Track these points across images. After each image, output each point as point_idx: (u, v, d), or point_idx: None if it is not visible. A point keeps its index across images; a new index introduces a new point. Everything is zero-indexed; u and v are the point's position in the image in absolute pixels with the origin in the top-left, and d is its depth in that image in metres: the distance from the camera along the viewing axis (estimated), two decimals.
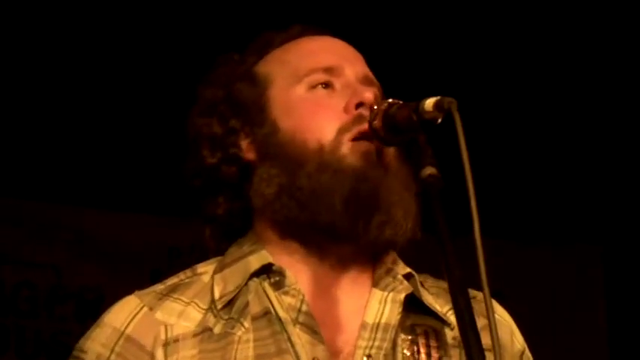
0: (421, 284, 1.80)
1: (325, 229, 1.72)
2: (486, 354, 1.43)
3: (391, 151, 1.76)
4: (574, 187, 5.06)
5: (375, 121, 1.70)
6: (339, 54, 1.85)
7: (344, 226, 1.71)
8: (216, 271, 1.79)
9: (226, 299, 1.73)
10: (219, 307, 1.72)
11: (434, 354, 1.71)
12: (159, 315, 1.72)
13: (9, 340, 4.43)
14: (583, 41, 4.46)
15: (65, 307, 4.53)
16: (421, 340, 1.72)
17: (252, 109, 1.82)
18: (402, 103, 1.68)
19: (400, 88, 1.81)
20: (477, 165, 1.48)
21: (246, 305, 1.72)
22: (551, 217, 5.16)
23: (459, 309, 1.46)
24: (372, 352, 1.69)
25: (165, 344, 1.69)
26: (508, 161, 4.85)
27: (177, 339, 1.70)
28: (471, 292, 1.52)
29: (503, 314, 1.87)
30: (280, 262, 1.75)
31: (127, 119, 4.36)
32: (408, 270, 1.80)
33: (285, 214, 1.74)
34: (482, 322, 1.47)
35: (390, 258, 1.80)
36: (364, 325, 1.72)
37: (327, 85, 1.80)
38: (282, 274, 1.73)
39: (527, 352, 1.88)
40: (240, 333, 1.69)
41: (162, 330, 1.71)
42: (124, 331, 1.72)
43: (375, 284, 1.77)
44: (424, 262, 1.77)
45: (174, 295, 1.76)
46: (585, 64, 4.55)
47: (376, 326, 1.71)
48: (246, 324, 1.70)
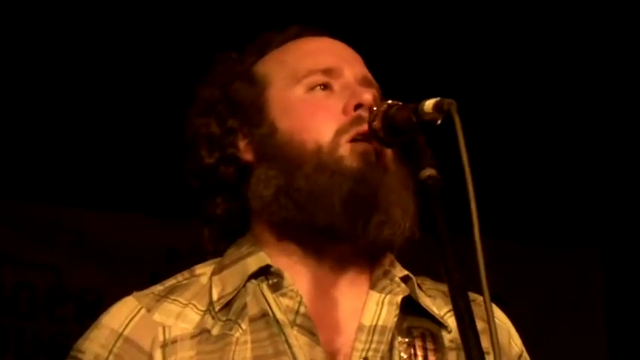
0: (419, 287, 1.80)
1: (323, 230, 1.72)
2: (485, 357, 1.43)
3: (389, 152, 1.75)
4: (573, 189, 5.06)
5: (375, 122, 1.70)
6: (338, 55, 1.85)
7: (342, 227, 1.71)
8: (215, 273, 1.79)
9: (224, 301, 1.73)
10: (217, 308, 1.72)
11: (431, 356, 1.71)
12: (157, 316, 1.72)
13: (8, 342, 4.42)
14: (581, 43, 4.45)
15: (65, 308, 4.52)
16: (418, 343, 1.72)
17: (250, 109, 1.82)
18: (401, 104, 1.68)
19: (399, 89, 1.80)
20: (476, 166, 1.48)
21: (244, 307, 1.71)
22: (551, 220, 5.15)
23: (459, 312, 1.46)
24: (369, 354, 1.69)
25: (164, 345, 1.69)
26: (507, 163, 4.85)
27: (175, 340, 1.70)
28: (471, 295, 1.52)
29: (501, 317, 1.87)
30: (278, 263, 1.75)
31: (127, 121, 4.36)
32: (405, 272, 1.80)
33: (283, 215, 1.74)
34: (481, 326, 1.47)
35: (388, 260, 1.80)
36: (361, 328, 1.71)
37: (325, 87, 1.80)
38: (280, 275, 1.73)
39: (525, 354, 1.88)
40: (238, 334, 1.69)
41: (160, 331, 1.71)
42: (122, 333, 1.72)
43: (373, 286, 1.77)
44: (422, 261, 1.76)
45: (172, 297, 1.76)
46: (585, 65, 4.55)
47: (373, 328, 1.71)
48: (244, 325, 1.69)
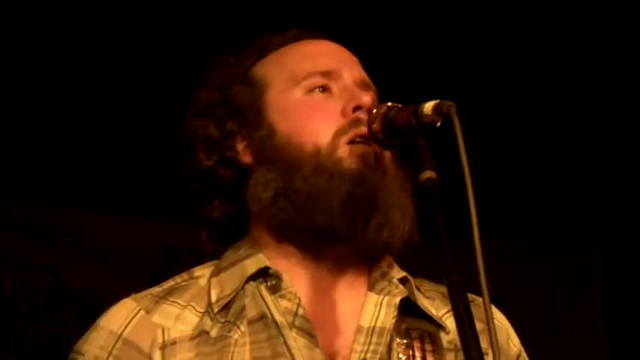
0: (417, 288, 1.80)
1: (322, 231, 1.72)
2: (484, 358, 1.43)
3: (388, 155, 1.75)
4: (573, 190, 5.05)
5: (374, 125, 1.70)
6: (336, 58, 1.85)
7: (341, 229, 1.71)
8: (213, 275, 1.79)
9: (223, 303, 1.73)
10: (215, 310, 1.72)
11: (429, 358, 1.71)
12: (156, 318, 1.73)
13: (8, 343, 4.41)
14: (580, 44, 4.45)
15: (65, 310, 4.51)
16: (416, 344, 1.72)
17: (248, 111, 1.82)
18: (401, 106, 1.68)
19: (398, 91, 1.81)
20: (476, 168, 1.48)
21: (243, 309, 1.72)
22: (551, 221, 5.15)
23: (458, 313, 1.46)
24: (368, 355, 1.69)
25: (163, 347, 1.69)
26: (508, 164, 4.85)
27: (174, 342, 1.70)
28: (469, 296, 1.52)
29: (499, 318, 1.87)
30: (277, 265, 1.75)
31: (127, 122, 4.36)
32: (403, 274, 1.80)
33: (282, 217, 1.74)
34: (480, 326, 1.47)
35: (386, 262, 1.80)
36: (360, 329, 1.72)
37: (324, 89, 1.80)
38: (278, 277, 1.73)
39: (524, 354, 1.88)
40: (237, 336, 1.69)
41: (159, 333, 1.71)
42: (121, 334, 1.72)
43: (371, 288, 1.77)
44: (421, 263, 1.76)
45: (170, 299, 1.76)
46: (584, 65, 4.55)
47: (371, 330, 1.72)
48: (243, 327, 1.70)
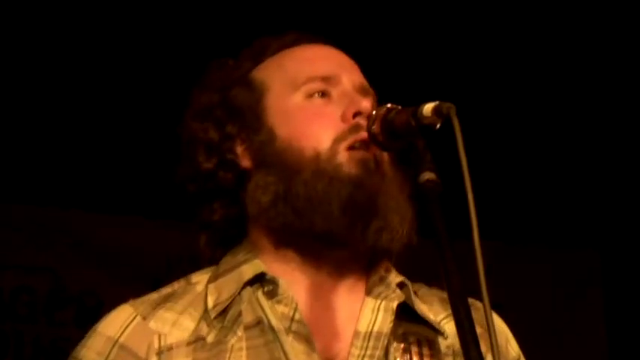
0: (414, 293, 1.81)
1: (322, 235, 1.72)
2: None
3: (386, 158, 1.76)
4: (572, 192, 5.05)
5: (374, 126, 1.70)
6: (336, 63, 1.85)
7: (341, 232, 1.71)
8: (210, 281, 1.79)
9: (220, 308, 1.73)
10: (212, 316, 1.73)
11: None
12: (152, 324, 1.73)
13: (8, 345, 4.41)
14: (578, 45, 4.45)
15: (65, 312, 4.50)
16: (414, 349, 1.72)
17: (248, 114, 1.82)
18: (400, 108, 1.68)
19: (398, 92, 1.80)
20: (475, 170, 1.47)
21: (239, 314, 1.72)
22: (550, 222, 5.15)
23: (458, 317, 1.45)
24: None
25: (159, 353, 1.70)
26: (507, 166, 4.85)
27: (170, 347, 1.70)
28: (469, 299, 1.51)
29: (498, 323, 1.87)
30: (276, 269, 1.76)
31: (126, 123, 4.36)
32: (400, 278, 1.81)
33: (282, 221, 1.74)
34: (479, 330, 1.47)
35: (384, 267, 1.80)
36: (357, 334, 1.72)
37: (324, 94, 1.80)
38: (275, 283, 1.73)
39: (523, 359, 1.88)
40: (233, 342, 1.69)
41: (155, 339, 1.71)
42: (117, 340, 1.72)
43: (368, 292, 1.77)
44: (420, 267, 1.76)
45: (167, 304, 1.76)
46: (582, 66, 4.55)
47: (369, 334, 1.72)
48: (239, 333, 1.70)
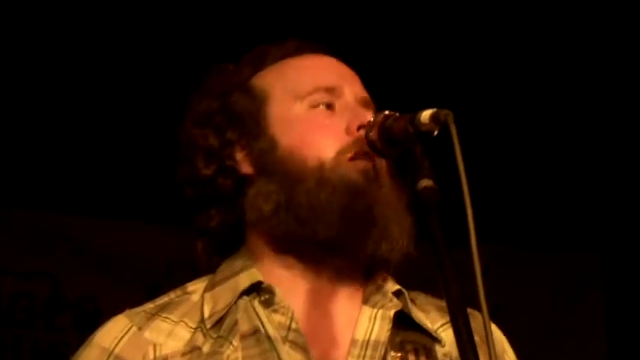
0: (411, 301, 1.80)
1: (323, 243, 1.73)
2: None
3: (384, 166, 1.76)
4: (572, 195, 5.05)
5: (372, 133, 1.70)
6: (338, 74, 1.85)
7: (342, 241, 1.72)
8: (207, 290, 1.79)
9: (215, 318, 1.73)
10: (208, 325, 1.72)
11: None
12: (147, 334, 1.72)
13: (6, 351, 4.40)
14: (577, 49, 4.45)
15: (63, 317, 4.49)
16: (411, 357, 1.72)
17: (248, 121, 1.82)
18: (398, 114, 1.68)
19: (395, 99, 1.80)
20: (474, 173, 1.47)
21: (235, 324, 1.71)
22: (550, 226, 5.15)
23: (457, 325, 1.45)
24: None
25: None
26: (506, 170, 4.85)
27: (165, 358, 1.70)
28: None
29: (495, 332, 1.87)
30: (275, 277, 1.75)
31: (127, 128, 4.35)
32: (397, 287, 1.80)
33: (283, 229, 1.74)
34: (476, 339, 1.46)
35: (381, 276, 1.80)
36: (354, 342, 1.72)
37: (329, 106, 1.80)
38: (271, 292, 1.73)
39: None
40: (229, 352, 1.68)
41: (150, 349, 1.71)
42: (112, 351, 1.72)
43: (365, 301, 1.77)
44: (419, 270, 1.76)
45: (163, 315, 1.76)
46: (581, 70, 4.55)
47: (366, 343, 1.71)
48: (235, 342, 1.69)
